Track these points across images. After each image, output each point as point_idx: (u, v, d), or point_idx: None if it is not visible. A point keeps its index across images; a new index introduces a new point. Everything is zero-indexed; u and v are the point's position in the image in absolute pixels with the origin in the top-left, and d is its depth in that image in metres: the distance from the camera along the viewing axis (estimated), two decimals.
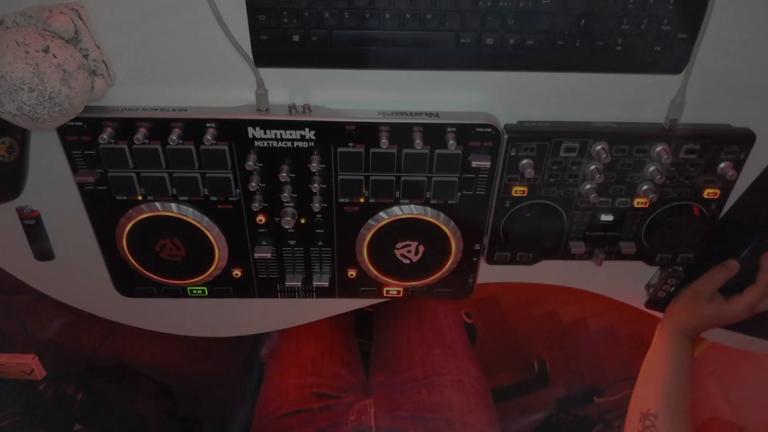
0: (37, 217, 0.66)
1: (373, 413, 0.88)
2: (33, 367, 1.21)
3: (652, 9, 0.51)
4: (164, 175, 0.58)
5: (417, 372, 0.94)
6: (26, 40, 0.46)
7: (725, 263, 0.67)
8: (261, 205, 0.61)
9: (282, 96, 0.58)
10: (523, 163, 0.59)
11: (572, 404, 1.66)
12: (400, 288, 0.69)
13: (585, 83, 0.58)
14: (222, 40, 0.53)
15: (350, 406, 0.91)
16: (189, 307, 0.76)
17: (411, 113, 0.57)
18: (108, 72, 0.54)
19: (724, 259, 0.68)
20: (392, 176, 0.59)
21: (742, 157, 0.59)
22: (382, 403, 0.90)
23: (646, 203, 0.63)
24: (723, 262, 0.68)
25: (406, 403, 0.89)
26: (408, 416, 0.87)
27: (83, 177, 0.58)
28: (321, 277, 0.68)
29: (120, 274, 0.68)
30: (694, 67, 0.55)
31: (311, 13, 0.51)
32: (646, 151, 0.59)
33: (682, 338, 0.70)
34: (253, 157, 0.57)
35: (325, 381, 0.94)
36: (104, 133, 0.55)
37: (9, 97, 0.45)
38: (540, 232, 0.64)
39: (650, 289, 0.74)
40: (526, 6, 0.51)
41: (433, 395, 0.89)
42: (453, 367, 0.94)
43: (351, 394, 0.94)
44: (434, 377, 0.92)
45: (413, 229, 0.63)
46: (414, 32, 0.52)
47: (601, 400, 1.63)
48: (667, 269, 0.71)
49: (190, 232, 0.62)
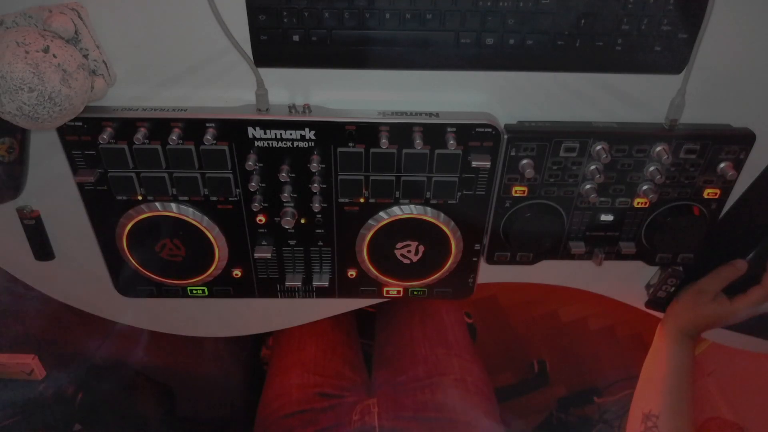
0: (37, 217, 0.66)
1: (376, 413, 0.88)
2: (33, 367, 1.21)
3: (652, 9, 0.51)
4: (164, 175, 0.58)
5: (420, 371, 0.94)
6: (26, 40, 0.46)
7: (733, 262, 0.67)
8: (261, 205, 0.61)
9: (282, 96, 0.58)
10: (523, 163, 0.59)
11: (572, 404, 1.66)
12: (400, 288, 0.69)
13: (585, 83, 0.58)
14: (222, 40, 0.53)
15: (353, 405, 0.91)
16: (189, 307, 0.76)
17: (411, 113, 0.57)
18: (108, 72, 0.54)
19: (725, 259, 0.68)
20: (392, 176, 0.59)
21: (742, 157, 0.59)
22: (385, 402, 0.90)
23: (646, 203, 0.63)
24: (731, 261, 0.67)
25: (409, 403, 0.89)
26: (411, 416, 0.87)
27: (83, 177, 0.58)
28: (321, 277, 0.68)
29: (120, 274, 0.68)
30: (694, 67, 0.55)
31: (311, 13, 0.51)
32: (646, 151, 0.59)
33: (683, 338, 0.70)
34: (253, 157, 0.57)
35: (327, 380, 0.94)
36: (104, 133, 0.55)
37: (9, 97, 0.45)
38: (540, 232, 0.64)
39: (650, 289, 0.74)
40: (526, 6, 0.51)
41: (436, 395, 0.89)
42: (456, 366, 0.94)
43: (354, 393, 0.94)
44: (437, 377, 0.92)
45: (413, 229, 0.63)
46: (414, 32, 0.52)
47: (601, 400, 1.63)
48: (667, 269, 0.71)
49: (190, 232, 0.62)
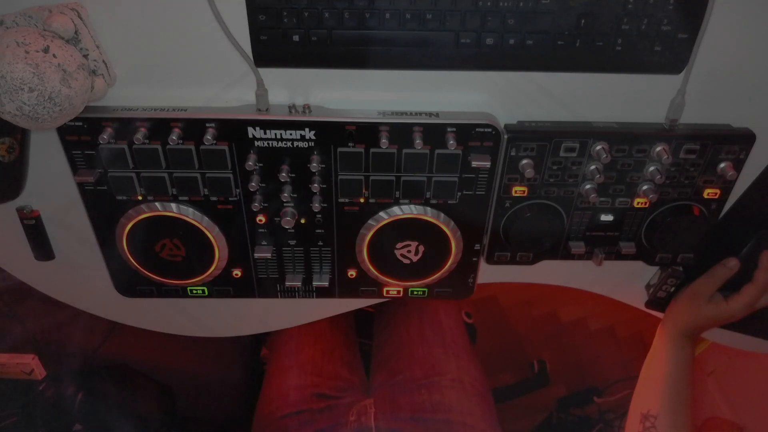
0: (37, 217, 0.66)
1: (373, 414, 0.88)
2: (33, 367, 1.21)
3: (652, 9, 0.51)
4: (164, 175, 0.58)
5: (417, 372, 0.94)
6: (26, 40, 0.46)
7: (725, 262, 0.67)
8: (261, 205, 0.61)
9: (282, 96, 0.58)
10: (523, 163, 0.59)
11: (572, 404, 1.66)
12: (400, 288, 0.69)
13: (585, 83, 0.58)
14: (222, 40, 0.53)
15: (350, 406, 0.91)
16: (189, 307, 0.76)
17: (411, 113, 0.57)
18: (108, 72, 0.54)
19: (725, 259, 0.68)
20: (392, 176, 0.59)
21: (742, 157, 0.59)
22: (382, 403, 0.90)
23: (646, 203, 0.63)
24: (723, 260, 0.67)
25: (406, 404, 0.89)
26: (408, 417, 0.87)
27: (83, 177, 0.58)
28: (321, 277, 0.68)
29: (120, 274, 0.68)
30: (694, 67, 0.55)
31: (311, 13, 0.51)
32: (646, 151, 0.59)
33: (682, 339, 0.70)
34: (253, 157, 0.57)
35: (325, 381, 0.94)
36: (104, 133, 0.55)
37: (9, 97, 0.45)
38: (540, 232, 0.64)
39: (650, 289, 0.74)
40: (526, 6, 0.51)
41: (433, 396, 0.89)
42: (453, 367, 0.94)
43: (351, 394, 0.94)
44: (435, 377, 0.92)
45: (413, 229, 0.63)
46: (414, 32, 0.52)
47: (601, 400, 1.63)
48: (667, 269, 0.71)
49: (190, 232, 0.62)
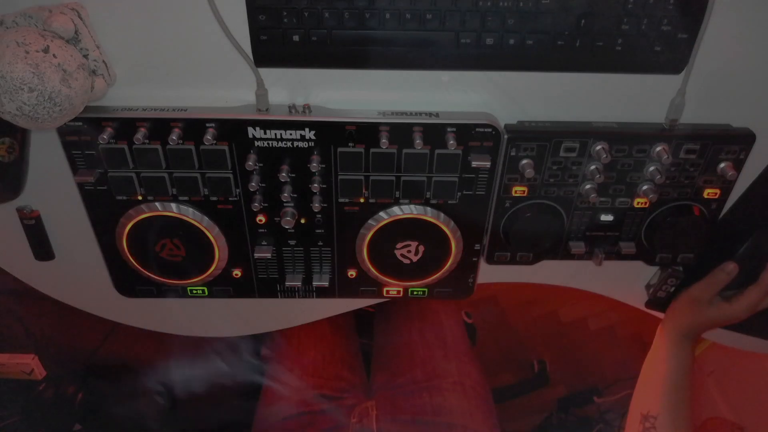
0: (37, 217, 0.66)
1: (374, 416, 0.88)
2: (33, 367, 1.21)
3: (652, 9, 0.51)
4: (164, 175, 0.58)
5: (418, 374, 0.94)
6: (26, 40, 0.46)
7: (723, 266, 0.67)
8: (261, 205, 0.61)
9: (282, 96, 0.58)
10: (523, 163, 0.59)
11: (572, 404, 1.66)
12: (400, 288, 0.69)
13: (585, 83, 0.57)
14: (222, 40, 0.53)
15: (351, 408, 0.91)
16: (189, 307, 0.76)
17: (411, 113, 0.57)
18: (108, 72, 0.54)
19: (725, 260, 0.68)
20: (392, 176, 0.59)
21: (742, 157, 0.59)
22: (383, 405, 0.90)
23: (646, 203, 0.63)
24: (721, 265, 0.67)
25: (407, 406, 0.89)
26: (409, 419, 0.87)
27: (83, 177, 0.58)
28: (321, 277, 0.68)
29: (120, 274, 0.68)
30: (694, 67, 0.55)
31: (311, 13, 0.51)
32: (646, 151, 0.59)
33: (682, 340, 0.70)
34: (253, 157, 0.57)
35: (326, 382, 0.94)
36: (104, 133, 0.55)
37: (9, 97, 0.45)
38: (540, 232, 0.64)
39: (650, 289, 0.74)
40: (526, 6, 0.51)
41: (434, 398, 0.89)
42: (454, 369, 0.94)
43: (352, 395, 0.94)
44: (435, 380, 0.92)
45: (413, 229, 0.63)
46: (414, 32, 0.52)
47: (601, 400, 1.63)
48: (667, 269, 0.71)
49: (190, 232, 0.62)
